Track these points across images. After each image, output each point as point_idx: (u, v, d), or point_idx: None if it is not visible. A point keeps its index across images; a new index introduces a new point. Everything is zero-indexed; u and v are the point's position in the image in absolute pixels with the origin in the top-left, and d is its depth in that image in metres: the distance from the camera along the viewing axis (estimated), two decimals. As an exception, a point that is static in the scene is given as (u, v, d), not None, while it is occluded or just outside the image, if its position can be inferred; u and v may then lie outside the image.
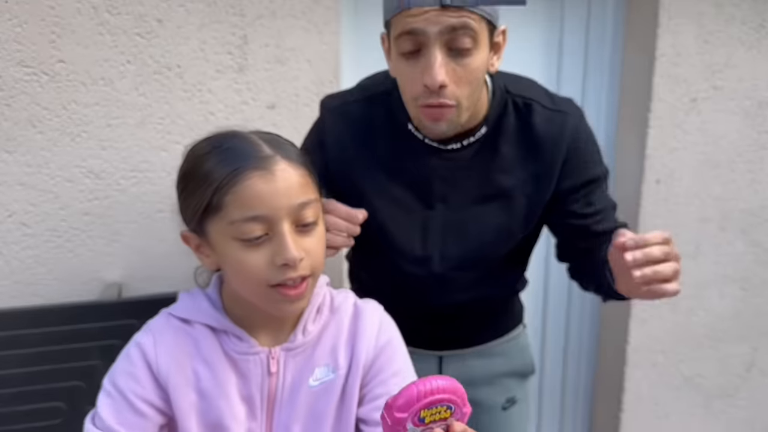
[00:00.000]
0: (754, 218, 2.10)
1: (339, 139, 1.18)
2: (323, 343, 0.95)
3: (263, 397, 0.91)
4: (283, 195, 0.83)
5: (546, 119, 1.15)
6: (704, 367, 2.16)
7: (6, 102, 1.44)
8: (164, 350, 0.89)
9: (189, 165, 0.88)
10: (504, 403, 1.34)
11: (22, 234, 1.52)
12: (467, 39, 0.98)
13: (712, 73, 1.94)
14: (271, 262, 0.83)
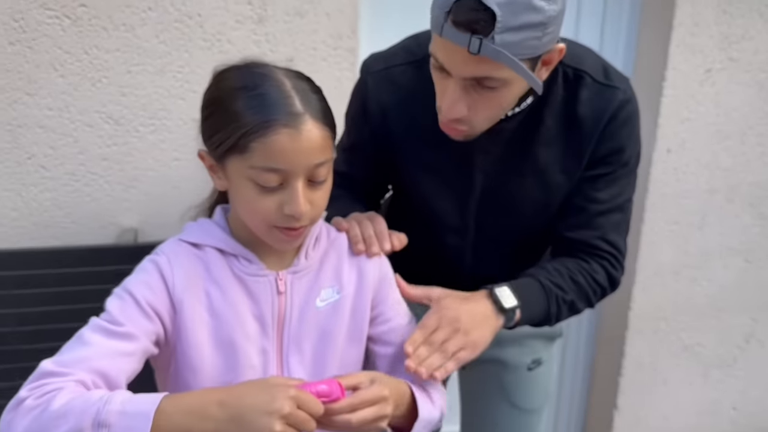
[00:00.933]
0: (762, 191, 2.11)
1: (382, 105, 1.16)
2: (325, 267, 1.00)
3: (273, 316, 0.95)
4: (305, 154, 0.87)
5: (595, 93, 1.09)
6: (704, 337, 2.20)
7: (28, 44, 1.46)
8: (179, 269, 0.93)
9: (218, 94, 0.90)
10: (530, 363, 1.36)
11: (41, 176, 1.55)
12: (492, 83, 0.95)
13: (729, 44, 1.93)
14: (279, 208, 0.89)
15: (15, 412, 0.81)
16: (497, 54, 0.89)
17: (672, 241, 2.07)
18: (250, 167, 0.87)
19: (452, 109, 0.97)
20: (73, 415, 0.78)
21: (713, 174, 2.04)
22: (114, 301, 0.91)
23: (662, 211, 2.02)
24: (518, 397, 1.35)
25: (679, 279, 2.12)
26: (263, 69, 0.90)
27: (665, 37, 1.88)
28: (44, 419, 0.79)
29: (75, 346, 0.87)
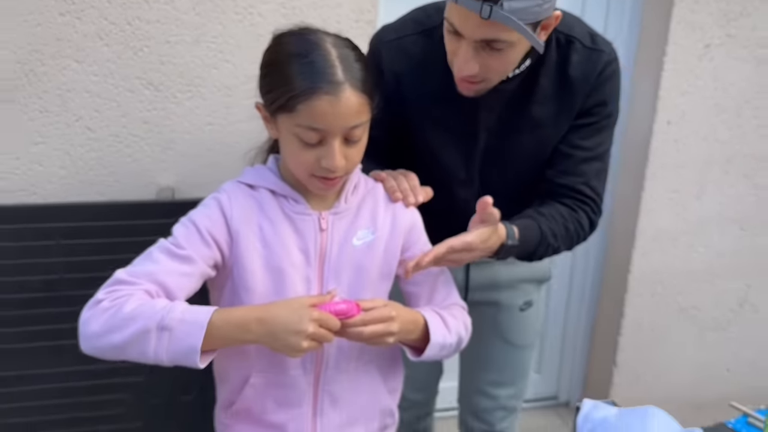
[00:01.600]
0: (758, 163, 2.23)
1: (395, 72, 1.29)
2: (362, 211, 1.14)
3: (316, 249, 1.09)
4: (342, 118, 1.00)
5: (584, 56, 1.24)
6: (700, 300, 2.32)
7: (77, 15, 1.60)
8: (237, 205, 1.08)
9: (275, 57, 1.04)
10: (522, 305, 1.51)
11: (87, 138, 1.69)
12: (499, 45, 1.09)
13: (728, 21, 2.05)
14: (317, 161, 1.03)
15: (93, 310, 0.98)
16: (505, 19, 1.02)
17: (671, 209, 2.20)
18: (296, 125, 1.01)
19: (465, 67, 1.12)
20: (141, 318, 0.94)
21: (711, 146, 2.16)
22: (179, 228, 1.06)
23: (662, 180, 2.15)
24: (511, 334, 1.51)
25: (677, 245, 2.25)
26: (314, 37, 1.03)
27: (666, 13, 2.00)
28: (117, 319, 0.95)
29: (144, 262, 1.03)
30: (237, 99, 1.73)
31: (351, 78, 1.00)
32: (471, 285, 1.45)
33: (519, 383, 1.55)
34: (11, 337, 1.68)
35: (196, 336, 0.94)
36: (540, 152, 1.31)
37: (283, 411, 1.09)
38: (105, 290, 1.00)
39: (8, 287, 1.65)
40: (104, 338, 0.96)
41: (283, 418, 1.09)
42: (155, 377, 1.77)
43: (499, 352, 1.51)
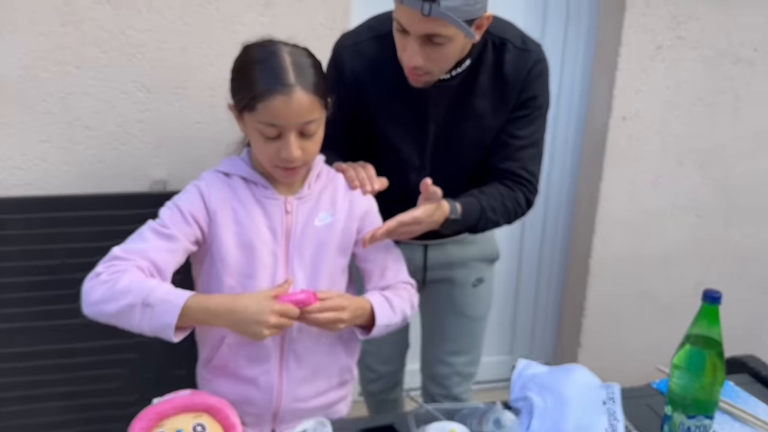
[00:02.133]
0: (710, 155, 2.40)
1: (354, 72, 1.46)
2: (323, 197, 1.31)
3: (282, 229, 1.26)
4: (295, 115, 1.16)
5: (516, 56, 1.43)
6: (657, 284, 2.49)
7: (77, 26, 1.77)
8: (214, 190, 1.25)
9: (240, 65, 1.21)
10: (474, 281, 1.68)
11: (86, 136, 1.86)
12: (439, 40, 1.27)
13: (677, 24, 2.21)
14: (277, 153, 1.20)
15: (93, 282, 1.15)
16: (443, 15, 1.20)
17: (628, 198, 2.37)
18: (257, 122, 1.17)
19: (411, 60, 1.30)
20: (131, 293, 1.12)
21: (664, 139, 2.33)
22: (165, 210, 1.23)
23: (618, 171, 2.32)
24: (466, 308, 1.68)
25: (635, 232, 2.42)
26: (274, 47, 1.20)
27: (619, 18, 2.17)
28: (114, 291, 1.12)
29: (136, 240, 1.20)
30: (221, 100, 1.85)
31: (302, 81, 1.16)
32: (429, 265, 1.62)
33: (473, 352, 1.72)
34: (18, 316, 1.84)
35: (171, 315, 1.11)
36: (482, 140, 1.48)
37: (254, 366, 1.26)
38: (103, 264, 1.17)
39: (15, 271, 1.81)
40: (101, 306, 1.14)
41: (254, 372, 1.27)
42: (149, 354, 1.93)
43: (455, 324, 1.68)
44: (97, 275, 1.15)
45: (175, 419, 1.07)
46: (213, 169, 1.29)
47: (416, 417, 1.22)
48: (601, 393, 1.20)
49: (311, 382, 1.30)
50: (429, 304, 1.66)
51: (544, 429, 1.13)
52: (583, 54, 2.32)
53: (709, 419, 1.15)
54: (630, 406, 1.31)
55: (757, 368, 1.51)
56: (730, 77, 2.33)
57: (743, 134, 2.41)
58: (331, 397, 1.35)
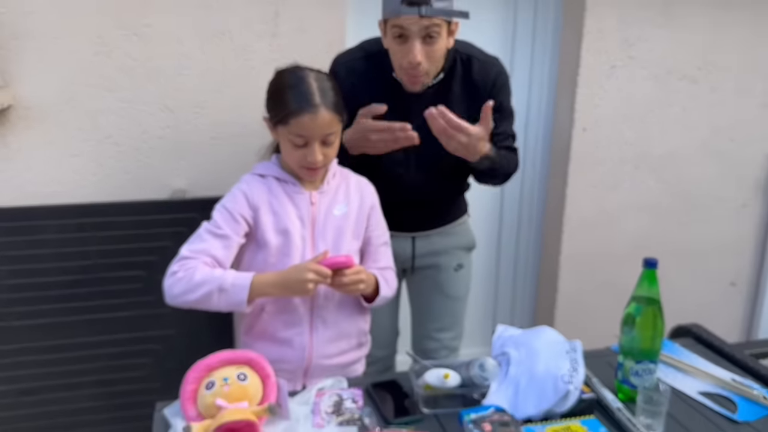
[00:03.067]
0: (662, 161, 2.71)
1: (349, 85, 1.70)
2: (339, 192, 1.58)
3: (308, 217, 1.52)
4: (319, 128, 1.44)
5: (481, 68, 1.74)
6: (621, 276, 2.76)
7: (107, 54, 2.02)
8: (254, 189, 1.51)
9: (277, 88, 1.48)
10: (455, 266, 1.96)
11: (115, 151, 2.11)
12: (434, 33, 1.57)
13: (629, 45, 2.53)
14: (303, 158, 1.47)
15: (172, 279, 1.44)
16: (436, 12, 1.51)
17: (591, 200, 2.66)
18: (289, 133, 1.45)
19: (415, 57, 1.57)
20: (207, 283, 1.41)
21: (621, 147, 2.63)
22: (216, 213, 1.50)
23: (582, 176, 2.61)
24: (449, 289, 1.95)
25: (599, 230, 2.71)
26: (302, 73, 1.47)
27: (578, 42, 2.48)
28: (192, 284, 1.41)
29: (196, 241, 1.48)
30: (235, 118, 2.16)
31: (325, 102, 1.44)
32: (416, 254, 1.90)
33: (457, 328, 1.99)
34: (55, 312, 2.06)
35: (243, 294, 1.42)
36: None
37: (288, 329, 1.53)
38: (177, 264, 1.45)
39: (52, 272, 2.04)
40: (183, 297, 1.43)
41: (289, 334, 1.53)
42: (171, 345, 2.17)
43: (440, 304, 1.95)
44: (174, 273, 1.44)
45: (221, 370, 1.32)
46: (250, 173, 1.56)
47: (415, 372, 1.48)
48: (566, 345, 1.47)
49: (336, 342, 1.57)
50: (417, 288, 1.93)
51: (519, 372, 1.40)
52: (548, 74, 2.63)
53: (653, 363, 1.43)
54: (591, 363, 1.59)
55: (699, 333, 1.80)
56: (676, 92, 2.64)
57: (690, 142, 2.72)
58: (351, 357, 1.61)
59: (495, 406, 1.29)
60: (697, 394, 1.48)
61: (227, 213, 1.49)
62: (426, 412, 1.36)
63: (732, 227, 2.90)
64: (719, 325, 2.88)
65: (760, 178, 2.86)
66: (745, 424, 1.36)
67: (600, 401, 1.39)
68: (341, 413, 1.36)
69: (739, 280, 2.98)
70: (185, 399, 1.30)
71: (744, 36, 2.65)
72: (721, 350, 1.69)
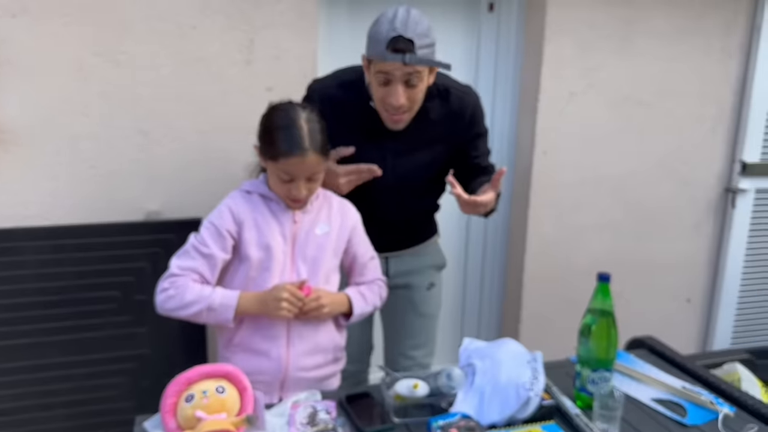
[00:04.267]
0: (620, 182, 2.84)
1: (322, 110, 1.72)
2: (321, 212, 1.65)
3: (290, 235, 1.60)
4: (306, 170, 1.53)
5: (458, 97, 1.83)
6: (583, 294, 2.86)
7: (84, 80, 2.08)
8: (240, 205, 1.58)
9: (268, 126, 1.54)
10: (428, 285, 2.04)
11: (92, 174, 2.15)
12: (416, 80, 1.65)
13: (587, 73, 2.66)
14: (289, 191, 1.56)
15: (163, 295, 1.54)
16: (419, 60, 1.60)
17: (553, 220, 2.78)
18: (277, 169, 1.53)
19: (399, 99, 1.65)
20: (197, 303, 1.52)
21: (581, 169, 2.76)
22: (203, 230, 1.57)
23: (543, 197, 2.72)
24: (422, 307, 2.03)
25: (561, 249, 2.82)
26: (293, 114, 1.53)
27: (538, 69, 2.61)
28: (183, 302, 1.52)
29: (185, 258, 1.55)
30: (209, 142, 2.23)
31: (314, 145, 1.52)
32: (390, 273, 1.97)
33: (429, 345, 2.07)
34: (32, 333, 2.09)
35: (229, 313, 1.53)
36: (431, 163, 1.85)
37: (266, 341, 1.59)
38: (167, 281, 1.53)
39: (28, 292, 2.07)
40: (175, 313, 1.53)
41: (266, 346, 1.59)
42: (145, 365, 2.21)
43: (413, 322, 2.02)
44: (165, 290, 1.53)
45: (200, 383, 1.37)
46: (237, 189, 1.63)
47: (386, 383, 1.55)
48: (527, 356, 1.56)
49: (312, 355, 1.63)
50: (392, 307, 2.01)
51: (484, 382, 1.48)
52: (510, 99, 2.75)
53: (609, 372, 1.52)
54: (552, 374, 1.68)
55: (652, 344, 1.90)
56: (633, 117, 2.78)
57: (646, 164, 2.86)
58: (327, 371, 1.67)
59: (461, 414, 1.37)
60: (650, 400, 1.58)
61: (214, 229, 1.56)
62: (397, 422, 1.43)
63: (687, 246, 3.03)
64: (676, 339, 3.02)
65: (712, 199, 3.01)
66: (694, 428, 1.46)
67: (559, 408, 1.48)
68: (315, 424, 1.43)
69: (694, 296, 3.12)
70: (165, 412, 1.35)
71: (696, 65, 2.82)
72: (673, 360, 1.79)
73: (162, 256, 2.15)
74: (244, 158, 2.21)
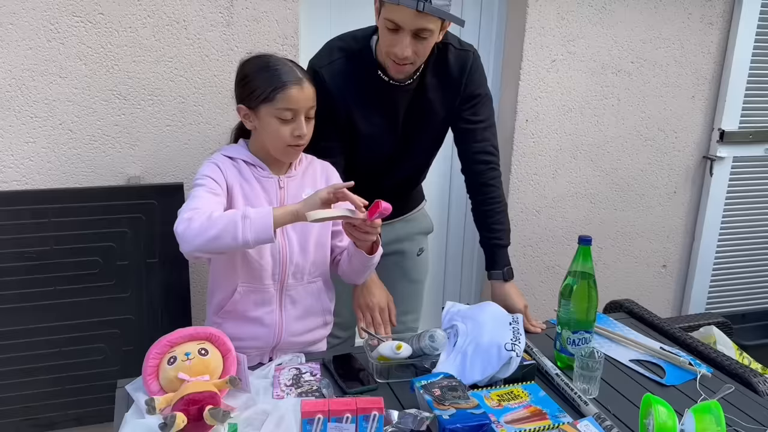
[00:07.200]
0: (599, 150, 2.86)
1: (335, 86, 1.67)
2: (306, 177, 1.63)
3: (278, 200, 1.57)
4: (305, 100, 1.50)
5: (457, 56, 1.75)
6: (561, 260, 2.93)
7: (61, 41, 2.04)
8: (228, 170, 1.53)
9: (251, 71, 1.50)
10: (418, 251, 2.05)
11: (69, 138, 2.12)
12: (426, 34, 1.57)
13: (568, 41, 2.66)
14: (291, 133, 1.51)
15: (187, 223, 1.37)
16: (434, 10, 1.49)
17: (533, 187, 2.80)
18: (275, 109, 1.48)
19: (404, 51, 1.56)
20: (226, 216, 1.38)
21: (561, 137, 2.77)
22: (202, 180, 1.49)
23: (524, 165, 2.74)
24: (413, 273, 2.04)
25: (540, 216, 2.85)
26: (275, 57, 1.52)
27: (520, 37, 2.60)
28: (211, 220, 1.37)
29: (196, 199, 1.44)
30: (189, 105, 2.20)
31: (305, 76, 1.51)
32: (383, 242, 1.96)
33: (418, 310, 2.09)
34: (12, 298, 2.07)
35: (267, 218, 1.37)
36: (432, 123, 1.81)
37: (259, 309, 1.58)
38: (188, 213, 1.39)
39: (8, 257, 2.03)
40: (204, 233, 1.36)
41: (259, 313, 1.58)
42: (128, 329, 2.20)
43: (404, 288, 2.02)
44: (189, 219, 1.38)
45: (183, 345, 1.38)
46: (219, 153, 1.58)
47: (369, 345, 1.57)
48: (508, 318, 1.58)
49: (303, 320, 1.63)
50: (383, 274, 2.00)
51: (466, 343, 1.51)
52: (492, 67, 2.75)
53: (589, 333, 1.55)
54: (532, 336, 1.71)
55: (631, 307, 1.94)
56: (612, 85, 2.80)
57: (625, 132, 2.89)
58: (316, 335, 1.68)
59: (444, 373, 1.39)
60: (629, 361, 1.61)
61: (210, 180, 1.50)
62: (380, 382, 1.46)
63: (663, 213, 3.08)
64: (652, 304, 3.08)
65: (690, 167, 3.05)
66: (672, 387, 1.50)
67: (540, 368, 1.51)
68: (300, 385, 1.44)
69: (670, 262, 3.18)
70: (147, 374, 1.36)
71: (675, 33, 2.83)
72: (651, 323, 1.83)
73: (143, 222, 2.13)
74: (226, 123, 2.22)
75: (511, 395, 1.39)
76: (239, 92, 1.55)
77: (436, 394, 1.30)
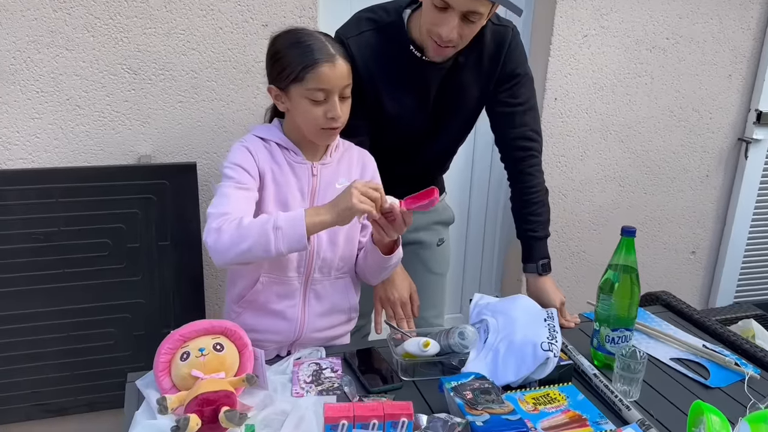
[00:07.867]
0: (630, 130, 2.73)
1: (363, 60, 1.56)
2: (341, 164, 1.51)
3: (309, 189, 1.46)
4: (338, 79, 1.37)
5: (495, 32, 1.62)
6: (587, 246, 2.82)
7: (68, 12, 1.93)
8: (260, 153, 1.43)
9: (281, 48, 1.39)
10: (438, 242, 1.93)
11: (77, 114, 2.02)
12: (476, 17, 1.45)
13: (601, 15, 2.52)
14: (324, 115, 1.39)
15: (217, 234, 1.29)
16: None
17: (560, 170, 2.68)
18: (306, 89, 1.36)
19: (450, 34, 1.45)
20: (256, 226, 1.29)
21: (591, 117, 2.65)
22: (229, 171, 1.39)
23: (551, 146, 2.62)
24: (431, 264, 1.92)
25: (567, 200, 2.73)
26: (307, 31, 1.40)
27: (551, 9, 2.46)
28: (242, 231, 1.29)
29: (224, 200, 1.35)
30: (202, 81, 2.09)
31: (339, 52, 1.38)
32: None
33: (440, 305, 1.97)
34: (20, 280, 1.99)
35: (300, 226, 1.28)
36: (464, 104, 1.69)
37: (281, 302, 1.48)
38: (215, 221, 1.31)
39: (15, 239, 1.96)
40: (235, 246, 1.29)
41: (282, 307, 1.48)
42: (138, 313, 2.12)
43: (423, 280, 1.89)
44: (218, 230, 1.30)
45: (197, 340, 1.28)
46: (251, 134, 1.47)
47: (394, 340, 1.48)
48: (543, 313, 1.48)
49: (327, 316, 1.53)
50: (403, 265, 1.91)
51: (498, 340, 1.41)
52: (520, 42, 2.61)
53: (629, 331, 1.45)
54: (565, 330, 1.61)
55: (668, 300, 1.83)
56: (646, 62, 2.66)
57: (657, 112, 2.75)
58: (339, 330, 1.58)
59: (475, 374, 1.29)
60: (670, 360, 1.51)
61: (240, 169, 1.39)
62: (405, 380, 1.37)
63: (694, 197, 2.95)
64: (680, 292, 2.96)
65: (723, 149, 2.91)
66: (718, 390, 1.39)
67: (576, 368, 1.41)
68: (320, 382, 1.35)
69: (699, 248, 3.05)
70: (159, 371, 1.27)
71: (713, 8, 2.67)
72: (690, 317, 1.72)
73: (154, 203, 2.04)
74: (240, 99, 2.11)
75: (548, 398, 1.29)
76: (270, 71, 1.43)
77: (467, 398, 1.21)
